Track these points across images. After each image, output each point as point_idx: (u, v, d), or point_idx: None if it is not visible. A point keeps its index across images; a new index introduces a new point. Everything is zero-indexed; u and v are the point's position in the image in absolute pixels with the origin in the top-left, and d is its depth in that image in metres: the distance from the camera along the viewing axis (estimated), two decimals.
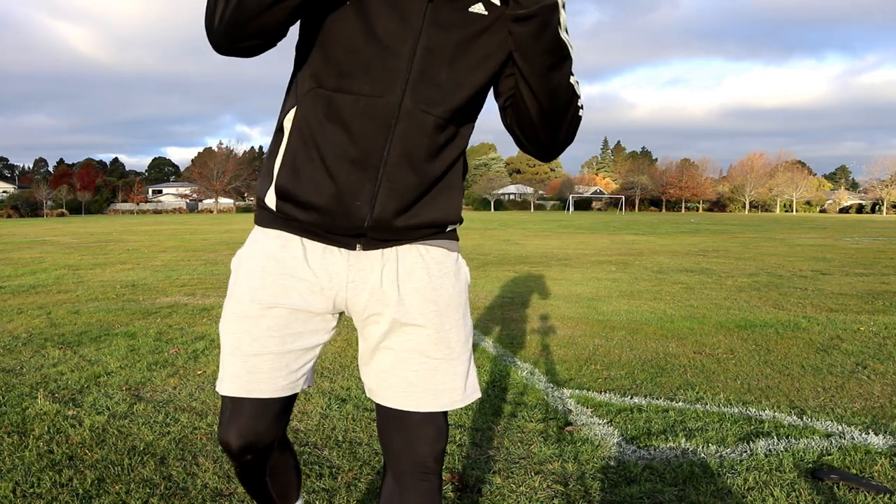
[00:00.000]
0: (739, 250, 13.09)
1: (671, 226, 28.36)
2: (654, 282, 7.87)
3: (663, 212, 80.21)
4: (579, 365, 3.89)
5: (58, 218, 53.91)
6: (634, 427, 2.85)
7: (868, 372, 3.74)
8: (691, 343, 4.52)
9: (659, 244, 15.19)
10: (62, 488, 2.25)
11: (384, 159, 1.10)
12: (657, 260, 10.90)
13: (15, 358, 4.07)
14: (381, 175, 1.11)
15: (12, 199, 67.13)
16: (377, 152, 1.10)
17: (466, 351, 1.24)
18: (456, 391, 1.21)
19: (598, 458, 2.52)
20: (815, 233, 21.28)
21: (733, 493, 2.22)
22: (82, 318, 5.40)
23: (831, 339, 4.62)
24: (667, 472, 2.39)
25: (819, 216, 58.73)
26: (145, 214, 65.57)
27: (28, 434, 2.75)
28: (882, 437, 2.72)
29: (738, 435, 2.76)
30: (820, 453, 2.56)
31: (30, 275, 8.66)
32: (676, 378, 3.63)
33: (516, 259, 11.08)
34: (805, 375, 3.68)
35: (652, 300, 6.41)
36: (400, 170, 1.11)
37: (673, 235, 19.47)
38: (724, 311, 5.79)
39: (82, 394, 3.32)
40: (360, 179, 1.11)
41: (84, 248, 14.01)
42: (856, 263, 10.12)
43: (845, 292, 6.91)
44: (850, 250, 12.99)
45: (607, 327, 5.06)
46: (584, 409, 3.10)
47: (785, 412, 3.06)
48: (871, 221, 38.94)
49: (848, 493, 2.22)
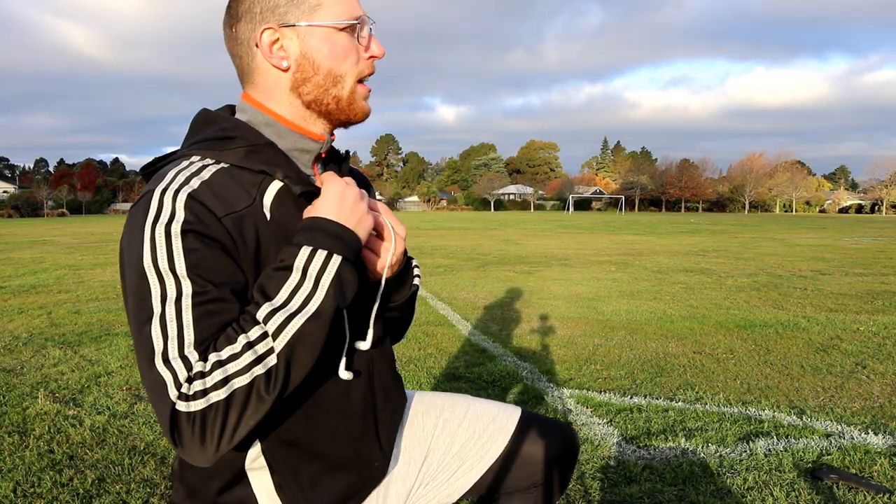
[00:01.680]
0: (739, 250, 13.09)
1: (671, 226, 28.36)
2: (654, 282, 7.88)
3: (663, 212, 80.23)
4: (579, 365, 3.90)
5: (58, 218, 53.90)
6: (634, 427, 2.85)
7: (867, 372, 3.75)
8: (691, 343, 4.52)
9: (659, 244, 15.19)
10: (63, 488, 2.25)
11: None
12: (657, 260, 10.90)
13: (15, 358, 4.07)
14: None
15: (13, 199, 67.14)
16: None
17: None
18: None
19: (598, 457, 2.53)
20: (814, 233, 21.29)
21: (733, 493, 2.23)
22: (83, 318, 5.40)
23: (831, 338, 4.62)
24: (666, 471, 2.39)
25: (819, 216, 58.73)
26: None
27: (29, 434, 2.75)
28: (881, 436, 2.72)
29: (737, 435, 2.76)
30: (819, 453, 2.56)
31: (30, 275, 8.67)
32: (676, 378, 3.63)
33: (516, 259, 11.08)
34: (805, 375, 3.69)
35: (652, 300, 6.41)
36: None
37: (673, 235, 19.48)
38: (724, 311, 5.80)
39: (83, 393, 3.32)
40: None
41: (85, 247, 14.01)
42: (855, 263, 10.12)
43: (845, 292, 6.91)
44: (850, 250, 12.99)
45: (607, 327, 5.06)
46: (583, 408, 3.10)
47: (784, 412, 3.06)
48: (871, 221, 38.94)
49: (847, 492, 2.22)
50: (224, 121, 1.00)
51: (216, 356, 0.83)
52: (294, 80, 0.99)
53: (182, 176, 0.92)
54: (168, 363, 0.82)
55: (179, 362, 0.82)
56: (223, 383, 0.81)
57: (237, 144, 0.96)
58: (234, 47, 1.01)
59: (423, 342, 4.46)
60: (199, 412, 0.80)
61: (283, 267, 0.89)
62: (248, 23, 0.97)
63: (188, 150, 0.97)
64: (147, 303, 0.84)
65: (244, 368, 0.83)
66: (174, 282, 0.85)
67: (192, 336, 0.84)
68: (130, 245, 0.88)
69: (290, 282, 0.88)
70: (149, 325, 0.84)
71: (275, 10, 0.96)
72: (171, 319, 0.84)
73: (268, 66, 0.98)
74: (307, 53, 0.97)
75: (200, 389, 0.81)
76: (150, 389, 0.83)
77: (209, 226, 0.88)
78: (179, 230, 0.86)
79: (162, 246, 0.85)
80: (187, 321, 0.84)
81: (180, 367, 0.82)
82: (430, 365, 3.87)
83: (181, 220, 0.86)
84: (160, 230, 0.86)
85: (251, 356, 0.83)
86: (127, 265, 0.88)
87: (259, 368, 0.83)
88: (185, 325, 0.84)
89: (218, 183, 0.92)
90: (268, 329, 0.84)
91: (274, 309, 0.85)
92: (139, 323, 0.85)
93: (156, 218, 0.87)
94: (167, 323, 0.84)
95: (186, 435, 0.81)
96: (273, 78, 0.99)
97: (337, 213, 0.93)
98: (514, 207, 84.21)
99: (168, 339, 0.83)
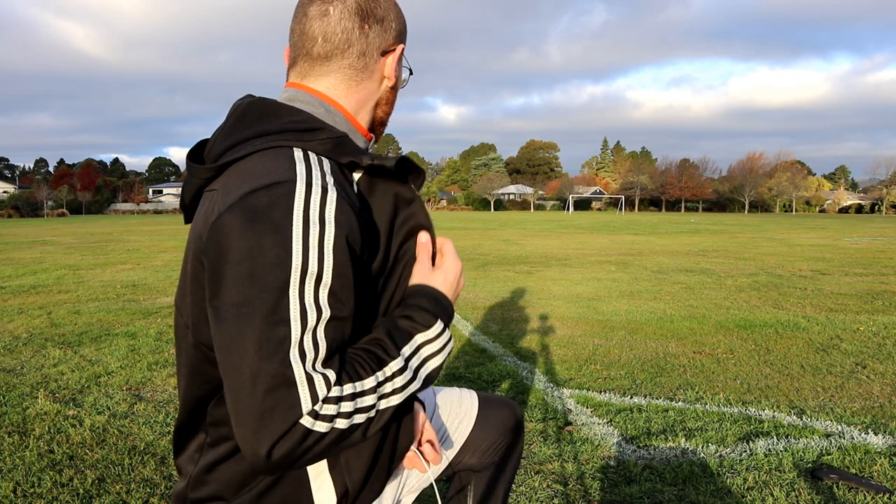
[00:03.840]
0: (739, 250, 13.09)
1: (671, 226, 28.36)
2: (654, 282, 7.88)
3: (663, 212, 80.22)
4: (579, 365, 3.90)
5: (58, 218, 53.91)
6: (634, 427, 2.85)
7: (867, 372, 3.75)
8: (691, 343, 4.52)
9: (659, 244, 15.19)
10: (63, 488, 2.25)
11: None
12: (657, 260, 10.90)
13: (16, 358, 4.07)
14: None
15: (13, 200, 67.17)
16: None
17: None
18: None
19: (598, 457, 2.53)
20: (814, 233, 21.29)
21: (733, 493, 2.23)
22: (83, 318, 5.40)
23: (831, 338, 4.62)
24: (666, 471, 2.39)
25: (819, 216, 58.72)
26: (145, 214, 65.58)
27: (29, 434, 2.75)
28: (881, 436, 2.72)
29: (737, 435, 2.76)
30: (819, 453, 2.56)
31: (30, 275, 8.67)
32: (676, 378, 3.63)
33: (516, 259, 11.08)
34: (804, 375, 3.69)
35: (652, 300, 6.41)
36: None
37: (673, 235, 19.47)
38: (724, 311, 5.80)
39: (83, 394, 3.32)
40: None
41: (84, 248, 14.01)
42: (855, 263, 10.12)
43: (845, 292, 6.91)
44: (850, 250, 12.99)
45: (607, 327, 5.06)
46: (583, 408, 3.10)
47: (784, 412, 3.06)
48: (871, 221, 38.94)
49: (847, 492, 2.22)
50: (295, 112, 0.96)
51: (352, 387, 0.83)
52: (383, 96, 1.06)
53: (317, 170, 0.87)
54: (310, 372, 0.80)
55: (321, 377, 0.80)
56: (349, 416, 0.82)
57: (325, 135, 0.93)
58: (344, 36, 0.98)
59: None
60: (319, 434, 0.80)
61: (419, 324, 0.93)
62: (384, 32, 1.01)
63: (277, 140, 0.91)
64: (285, 295, 0.79)
65: (368, 407, 0.84)
66: (318, 276, 0.81)
67: (325, 351, 0.82)
68: (263, 235, 0.81)
69: (421, 343, 0.93)
70: (287, 314, 0.79)
71: (402, 33, 1.05)
72: (311, 328, 0.81)
73: (378, 76, 1.03)
74: (399, 79, 1.09)
75: (331, 415, 0.80)
76: (266, 383, 0.77)
77: (353, 230, 0.85)
78: (334, 232, 0.82)
79: (316, 232, 0.81)
80: (323, 331, 0.82)
81: (321, 383, 0.80)
82: None
83: (334, 219, 0.83)
84: (315, 217, 0.81)
85: (374, 398, 0.85)
86: (258, 252, 0.80)
87: (376, 412, 0.85)
88: (323, 337, 0.82)
89: (338, 180, 0.89)
90: (396, 382, 0.88)
91: (402, 367, 0.89)
92: (267, 305, 0.79)
93: (308, 207, 0.82)
94: (308, 316, 0.80)
95: (290, 448, 0.78)
96: (371, 86, 1.03)
97: (452, 291, 1.02)
98: (514, 207, 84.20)
99: (305, 346, 0.80)
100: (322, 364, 0.81)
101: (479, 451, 1.34)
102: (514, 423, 1.38)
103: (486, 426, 1.34)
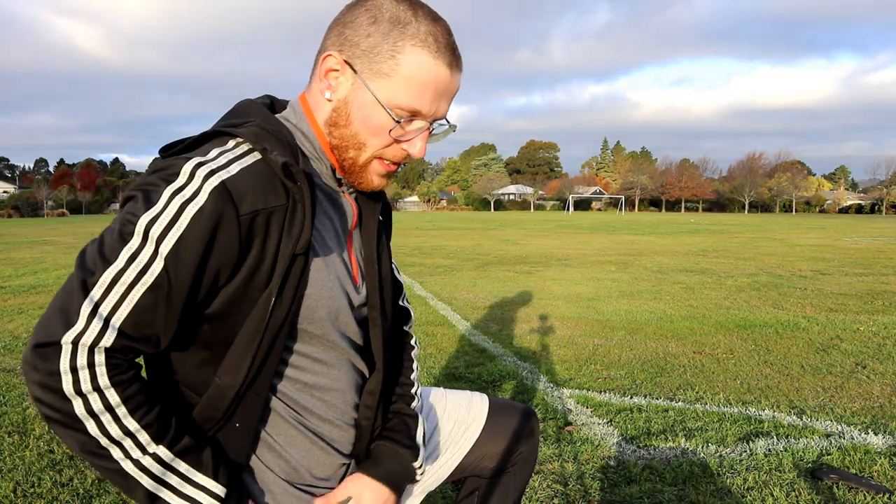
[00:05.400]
0: (739, 250, 13.09)
1: (671, 226, 28.36)
2: (654, 282, 7.88)
3: (663, 212, 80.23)
4: (579, 365, 3.90)
5: (58, 218, 53.89)
6: (634, 427, 2.85)
7: (867, 372, 3.75)
8: (691, 343, 4.52)
9: (659, 244, 15.19)
10: (63, 488, 2.25)
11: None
12: (657, 260, 10.90)
13: (15, 358, 4.07)
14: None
15: (13, 199, 67.22)
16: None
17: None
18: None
19: (598, 457, 2.53)
20: (814, 233, 21.29)
21: (733, 493, 2.23)
22: None
23: (831, 339, 4.62)
24: (666, 471, 2.39)
25: (819, 216, 58.71)
26: None
27: (29, 434, 2.75)
28: (881, 436, 2.72)
29: (737, 435, 2.76)
30: (819, 453, 2.56)
31: (30, 275, 8.66)
32: (676, 378, 3.63)
33: (516, 259, 11.08)
34: (804, 375, 3.69)
35: (652, 300, 6.41)
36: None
37: (673, 235, 19.47)
38: (724, 311, 5.80)
39: None
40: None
41: None
42: (855, 263, 10.12)
43: (845, 292, 6.91)
44: (850, 250, 12.99)
45: (607, 327, 5.06)
46: (583, 408, 3.10)
47: (784, 412, 3.06)
48: (871, 221, 38.93)
49: (847, 492, 2.22)
50: (263, 116, 0.96)
51: (118, 396, 0.81)
52: (330, 117, 0.97)
53: (224, 158, 0.88)
54: (92, 314, 0.79)
55: (98, 330, 0.80)
56: (91, 413, 0.80)
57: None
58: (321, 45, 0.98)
59: (423, 342, 4.46)
60: (69, 368, 0.79)
61: (205, 470, 0.89)
62: (333, 36, 0.95)
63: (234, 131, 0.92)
64: (115, 250, 0.81)
65: (110, 434, 0.82)
66: (151, 254, 0.81)
67: (122, 320, 0.81)
68: (136, 200, 0.84)
69: (185, 475, 0.88)
70: (104, 266, 0.81)
71: (354, 46, 0.92)
72: (125, 284, 0.81)
73: (322, 86, 0.96)
74: (349, 103, 0.95)
75: (78, 378, 0.79)
76: (59, 301, 0.80)
77: (221, 226, 0.84)
78: (191, 215, 0.82)
79: (168, 217, 0.82)
80: (132, 300, 0.81)
81: (93, 333, 0.79)
82: (430, 365, 3.87)
83: (199, 205, 0.83)
84: (176, 202, 0.82)
85: (117, 450, 0.82)
86: (119, 215, 0.84)
87: (108, 439, 0.82)
88: (128, 302, 0.81)
89: (257, 172, 0.88)
90: (148, 467, 0.84)
91: (155, 454, 0.85)
92: (94, 254, 0.82)
93: (178, 189, 0.83)
94: (120, 282, 0.81)
95: (46, 359, 0.79)
96: (322, 99, 0.98)
97: None
98: (514, 207, 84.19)
99: (109, 295, 0.80)
100: (113, 329, 0.80)
101: (487, 457, 1.32)
102: (527, 431, 1.36)
103: (495, 433, 1.33)
